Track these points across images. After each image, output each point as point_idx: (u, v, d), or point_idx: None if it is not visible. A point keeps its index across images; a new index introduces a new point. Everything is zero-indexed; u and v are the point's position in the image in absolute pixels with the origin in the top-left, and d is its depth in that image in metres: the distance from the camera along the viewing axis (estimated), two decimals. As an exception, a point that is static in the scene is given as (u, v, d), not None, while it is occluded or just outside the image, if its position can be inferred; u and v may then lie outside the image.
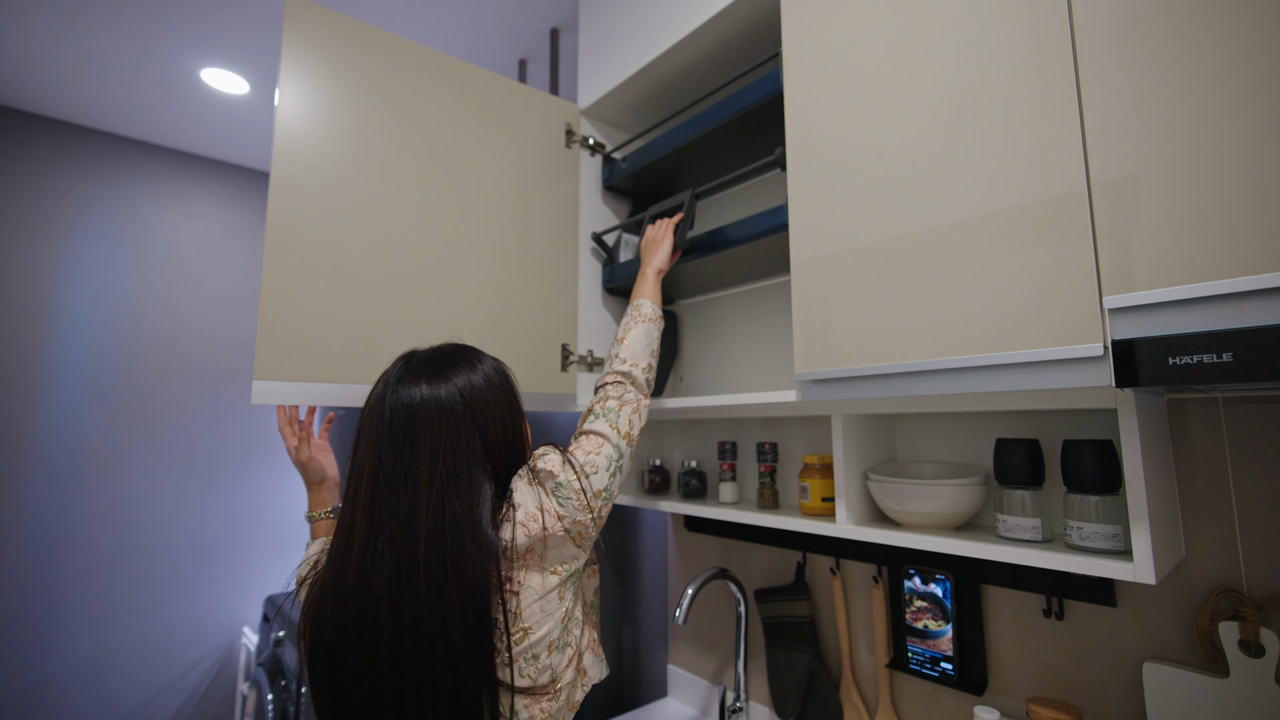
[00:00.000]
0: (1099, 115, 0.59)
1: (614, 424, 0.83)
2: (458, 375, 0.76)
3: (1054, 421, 0.85)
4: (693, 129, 1.17)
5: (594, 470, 0.77)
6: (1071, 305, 0.59)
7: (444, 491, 0.69)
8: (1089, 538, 0.70)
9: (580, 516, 0.74)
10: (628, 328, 0.97)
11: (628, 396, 0.87)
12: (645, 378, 0.92)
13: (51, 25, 1.77)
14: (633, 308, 1.00)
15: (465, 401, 0.74)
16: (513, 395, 0.81)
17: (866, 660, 1.07)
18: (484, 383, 0.77)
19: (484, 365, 0.80)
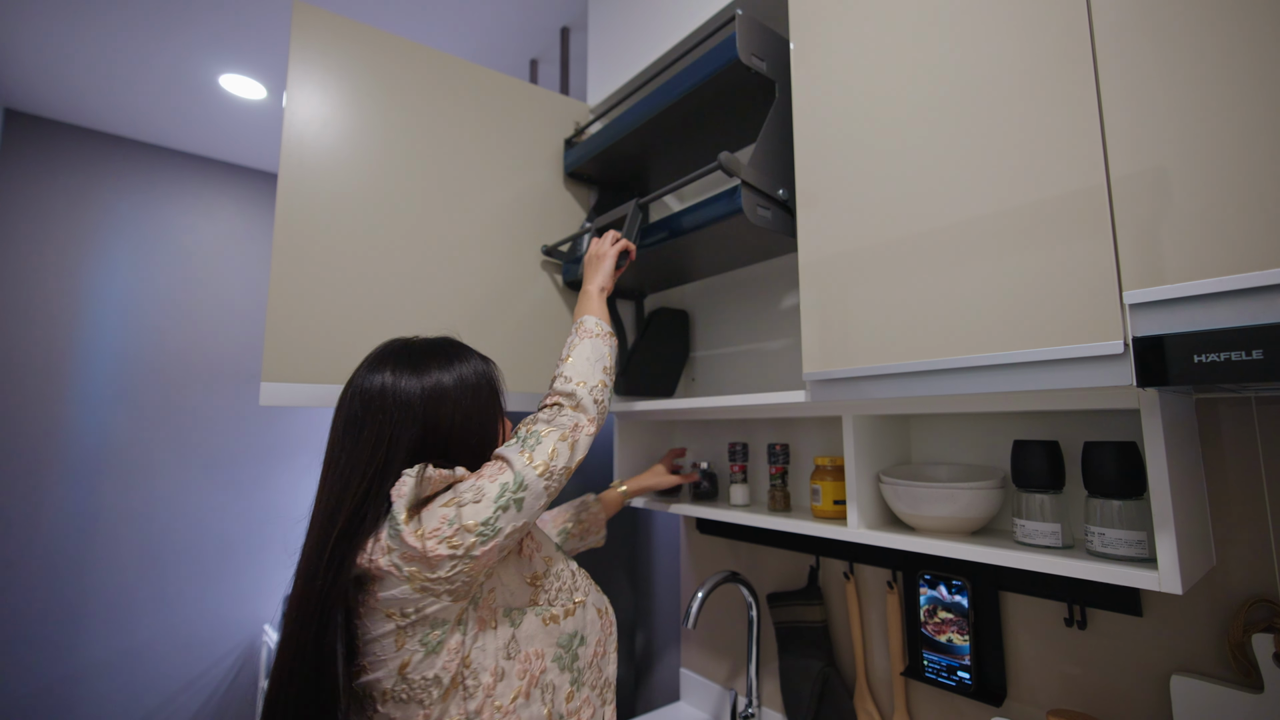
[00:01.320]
0: (1119, 107, 0.56)
1: (528, 450, 0.71)
2: (428, 370, 0.71)
3: (1075, 422, 0.82)
4: (647, 107, 1.12)
5: (476, 498, 0.64)
6: (1090, 301, 0.57)
7: (370, 488, 0.65)
8: (1111, 544, 0.67)
9: (421, 551, 0.60)
10: (572, 345, 0.88)
11: (561, 421, 0.76)
12: (594, 398, 0.81)
13: (74, 34, 1.81)
14: (577, 325, 0.91)
15: (425, 398, 0.69)
16: (487, 399, 0.75)
17: (881, 667, 1.05)
18: (454, 382, 0.72)
19: (462, 365, 0.74)
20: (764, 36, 0.98)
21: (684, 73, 1.04)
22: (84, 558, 2.20)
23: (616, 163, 1.31)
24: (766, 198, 0.94)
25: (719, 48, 0.98)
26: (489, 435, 0.75)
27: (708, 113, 1.10)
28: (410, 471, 0.64)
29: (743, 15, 0.96)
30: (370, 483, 0.65)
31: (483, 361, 0.78)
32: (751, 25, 0.97)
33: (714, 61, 0.99)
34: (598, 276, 1.01)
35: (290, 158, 1.03)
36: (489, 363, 0.79)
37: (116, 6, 1.68)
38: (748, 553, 1.31)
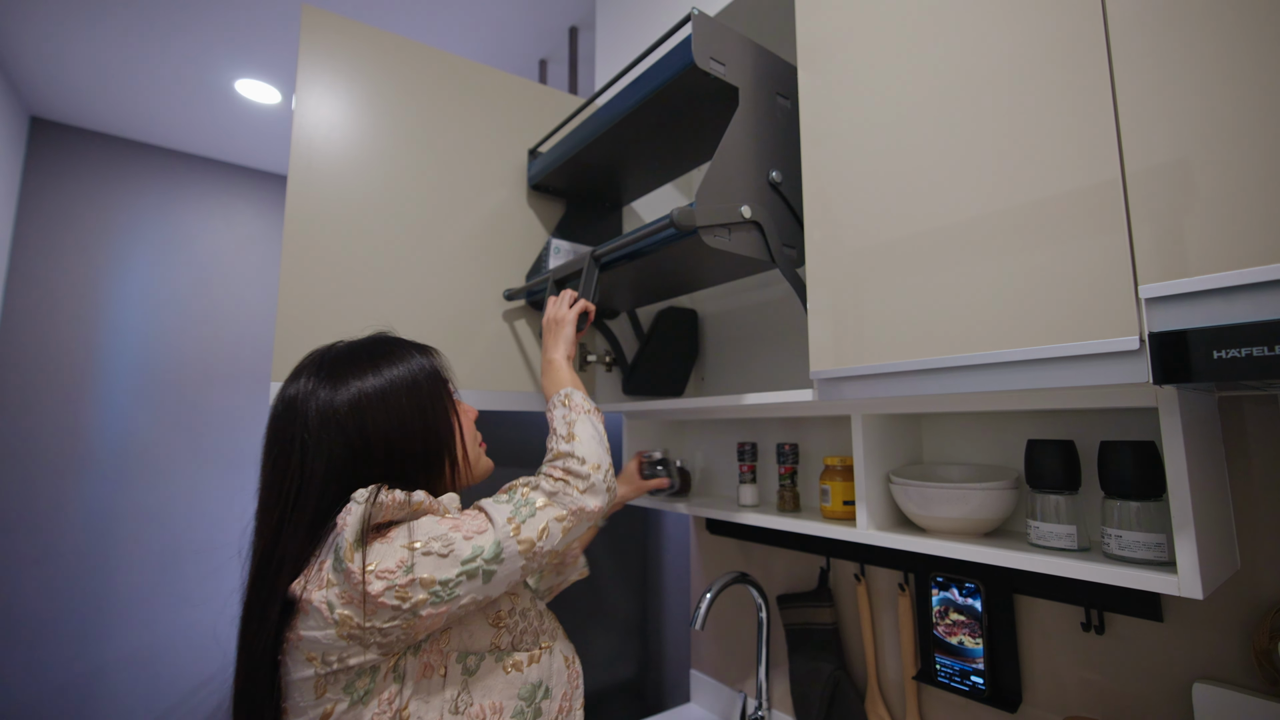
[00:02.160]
0: (1134, 99, 0.54)
1: (516, 518, 0.62)
2: (348, 377, 0.64)
3: (1091, 421, 0.80)
4: (606, 116, 1.05)
5: (443, 550, 0.56)
6: (1104, 295, 0.55)
7: (284, 519, 0.59)
8: (1129, 547, 0.64)
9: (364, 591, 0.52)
10: (571, 422, 0.76)
11: (565, 500, 0.67)
12: (607, 484, 0.71)
13: (94, 43, 1.85)
14: (561, 399, 0.81)
15: (350, 409, 0.62)
16: (430, 396, 0.67)
17: (893, 671, 1.03)
18: (385, 385, 0.64)
19: (394, 364, 0.67)
20: (724, 38, 0.90)
21: (640, 79, 0.97)
22: (105, 556, 2.24)
23: (584, 173, 1.23)
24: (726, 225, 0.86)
25: (674, 51, 0.90)
26: (441, 435, 0.67)
27: (676, 116, 1.02)
28: (360, 496, 0.57)
29: (699, 15, 0.88)
30: (284, 512, 0.59)
31: (421, 354, 0.70)
32: (710, 27, 0.89)
33: (669, 67, 0.91)
34: (560, 344, 0.92)
35: (299, 160, 1.04)
36: (429, 353, 0.71)
37: (135, 15, 1.71)
38: (758, 553, 1.30)
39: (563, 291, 0.99)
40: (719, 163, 0.86)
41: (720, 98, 0.93)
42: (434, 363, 0.70)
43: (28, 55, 1.91)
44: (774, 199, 0.93)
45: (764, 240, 0.91)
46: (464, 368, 1.16)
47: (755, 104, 0.92)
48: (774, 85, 0.96)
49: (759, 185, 0.91)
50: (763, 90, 0.94)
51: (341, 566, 0.54)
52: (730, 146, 0.88)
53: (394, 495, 0.57)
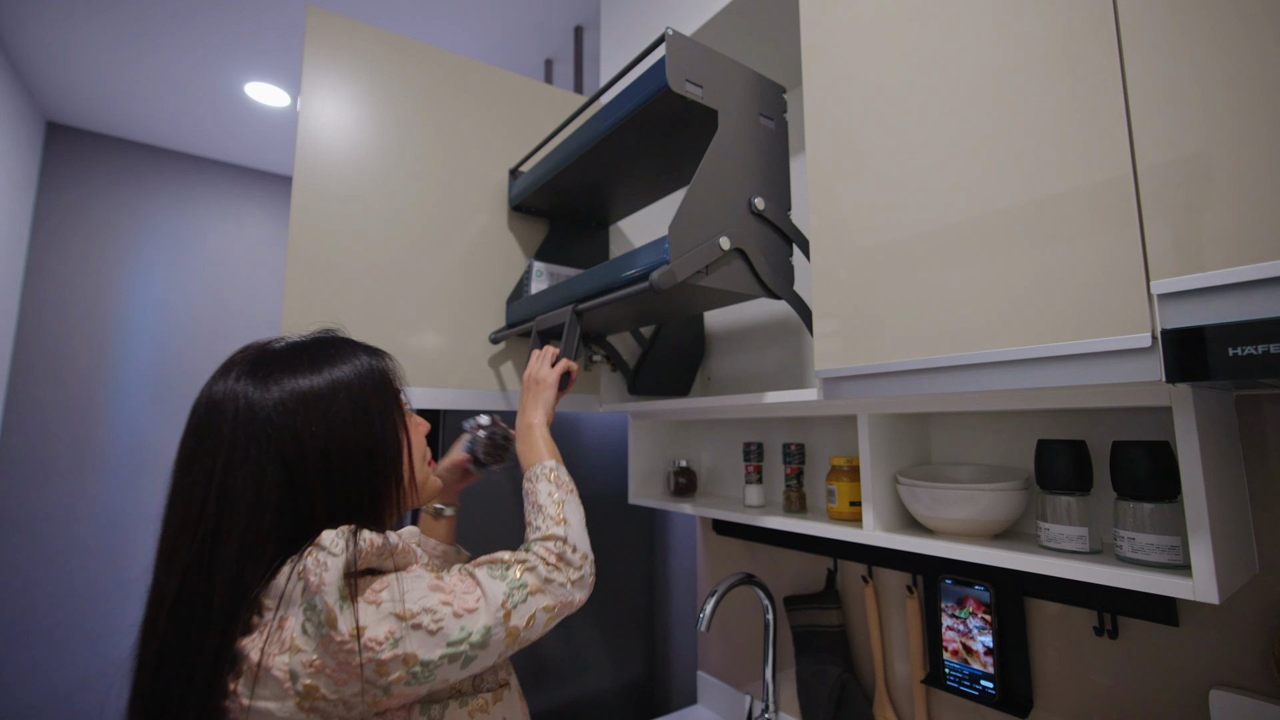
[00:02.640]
0: (1146, 93, 0.53)
1: (510, 602, 0.57)
2: (289, 373, 0.55)
3: (1103, 421, 0.78)
4: (583, 139, 1.01)
5: (433, 626, 0.50)
6: (1114, 291, 0.53)
7: (201, 555, 0.49)
8: (1142, 550, 0.63)
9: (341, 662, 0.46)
10: (560, 500, 0.72)
11: (557, 590, 0.62)
12: (592, 576, 0.68)
13: (108, 48, 1.87)
14: (546, 472, 0.75)
15: (283, 412, 0.53)
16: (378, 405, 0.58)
17: (901, 674, 1.01)
18: (325, 388, 0.55)
19: (339, 367, 0.58)
20: (703, 59, 0.86)
21: (613, 102, 0.93)
22: (122, 553, 2.27)
23: (565, 194, 1.19)
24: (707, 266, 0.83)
25: (649, 73, 0.86)
26: (387, 451, 0.58)
27: (657, 137, 0.98)
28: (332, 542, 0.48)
29: (674, 35, 0.83)
30: (203, 543, 0.49)
31: (370, 356, 0.62)
32: (686, 47, 0.85)
33: (643, 90, 0.86)
34: (540, 408, 0.86)
35: (305, 161, 1.04)
36: (380, 355, 0.63)
37: (146, 21, 1.73)
38: (765, 554, 1.29)
39: (545, 348, 0.94)
40: (695, 192, 0.82)
41: (701, 118, 0.89)
42: (384, 366, 0.62)
43: (44, 62, 1.94)
44: (758, 225, 0.89)
45: (750, 268, 0.88)
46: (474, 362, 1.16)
47: (736, 127, 0.88)
48: (757, 106, 0.92)
49: (740, 213, 0.87)
50: (744, 112, 0.90)
51: (322, 632, 0.46)
52: (707, 174, 0.84)
53: (372, 540, 0.51)
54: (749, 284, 0.88)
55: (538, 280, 1.19)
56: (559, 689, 1.41)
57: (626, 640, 1.55)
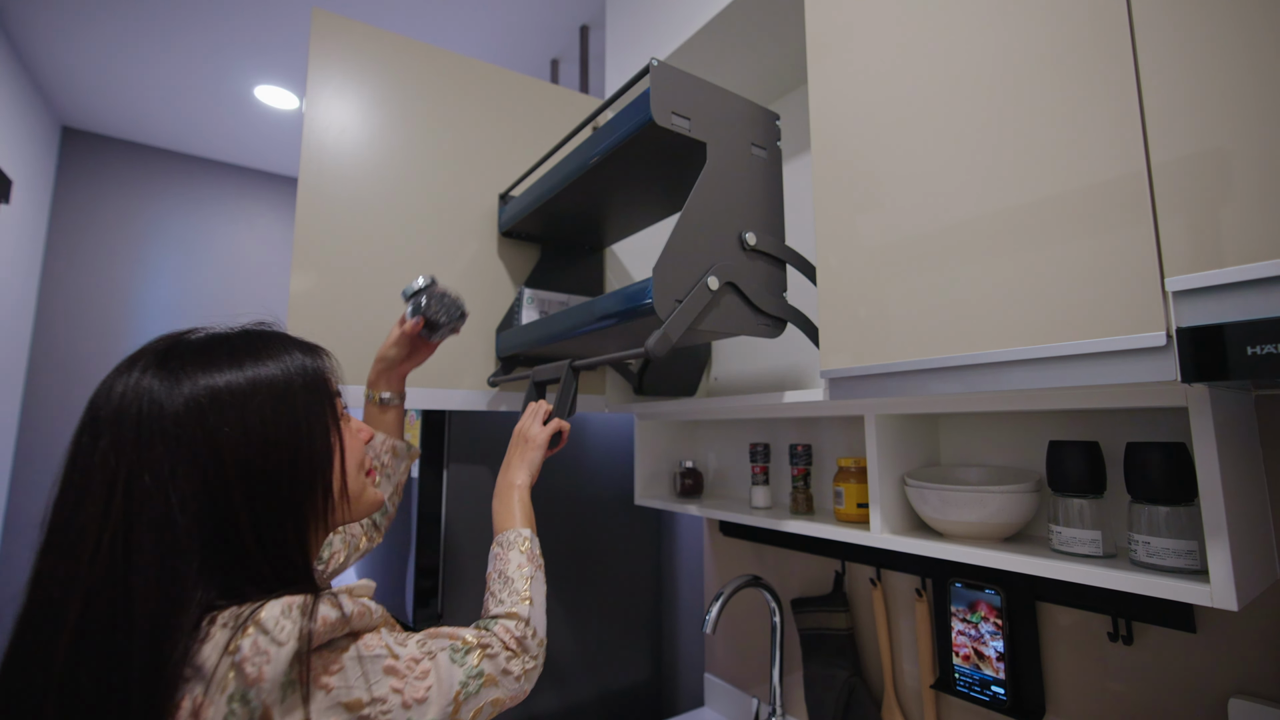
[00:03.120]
0: (1160, 88, 0.51)
1: (464, 693, 0.54)
2: (203, 368, 0.48)
3: (1117, 421, 0.76)
4: (566, 170, 0.98)
5: (381, 717, 0.46)
6: (1127, 289, 0.52)
7: (113, 565, 0.41)
8: (1157, 554, 0.61)
9: None
10: (529, 578, 0.69)
11: (509, 683, 0.59)
12: (540, 669, 0.64)
13: (121, 54, 1.90)
14: (520, 542, 0.72)
15: (193, 411, 0.46)
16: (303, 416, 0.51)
17: (910, 678, 1.00)
18: (244, 386, 0.48)
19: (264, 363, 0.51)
20: (690, 89, 0.83)
21: (598, 133, 0.91)
22: (134, 553, 2.30)
23: (557, 219, 1.15)
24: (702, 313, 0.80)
25: (633, 105, 0.82)
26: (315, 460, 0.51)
27: (646, 167, 0.94)
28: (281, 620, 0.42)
29: (659, 66, 0.80)
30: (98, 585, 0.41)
31: (304, 352, 0.55)
32: (673, 78, 0.82)
33: (628, 122, 0.83)
34: (524, 469, 0.81)
35: (310, 164, 1.04)
36: (316, 353, 0.56)
37: (158, 25, 1.75)
38: (772, 556, 1.27)
39: (540, 404, 0.89)
40: (681, 230, 0.79)
41: (692, 147, 0.86)
42: (318, 364, 0.55)
43: (59, 68, 1.96)
44: (750, 257, 0.87)
45: (744, 300, 0.85)
46: (479, 363, 1.16)
47: (726, 158, 0.86)
48: (748, 135, 0.89)
49: (730, 248, 0.85)
50: (735, 142, 0.87)
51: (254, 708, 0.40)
52: (694, 210, 0.81)
53: (326, 618, 0.44)
54: (745, 319, 0.86)
55: (528, 308, 1.15)
56: (566, 690, 1.41)
57: (633, 642, 1.54)
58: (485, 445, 1.33)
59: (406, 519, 1.31)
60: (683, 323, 0.79)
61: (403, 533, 1.32)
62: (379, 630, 0.51)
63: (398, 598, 1.30)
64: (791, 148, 1.24)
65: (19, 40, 1.83)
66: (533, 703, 1.35)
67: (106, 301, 2.36)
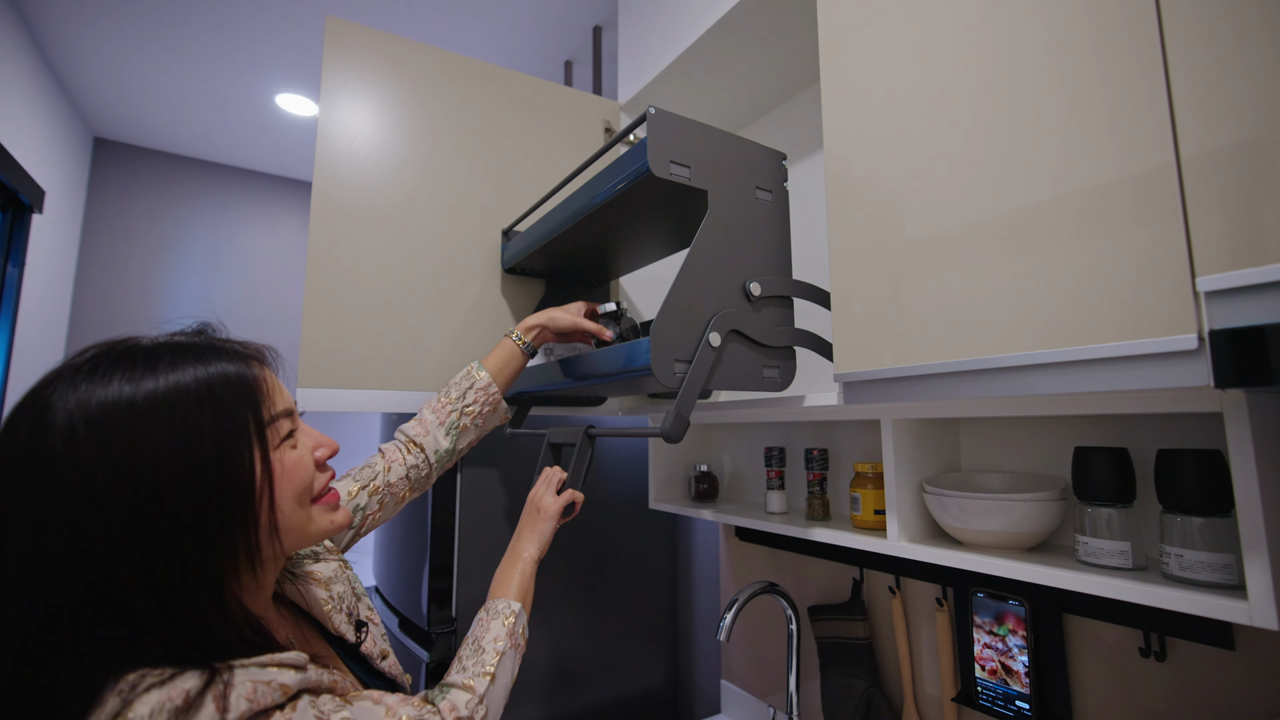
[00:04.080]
0: (1189, 76, 0.49)
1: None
2: (100, 384, 0.40)
3: (1148, 427, 0.73)
4: (565, 214, 0.96)
5: None
6: (1155, 289, 0.49)
7: None
8: (1191, 568, 0.58)
9: None
10: (501, 651, 0.66)
11: None
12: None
13: (149, 66, 1.94)
14: (508, 615, 0.70)
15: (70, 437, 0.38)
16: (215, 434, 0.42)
17: (931, 691, 0.97)
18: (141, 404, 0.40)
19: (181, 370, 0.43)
20: (689, 136, 0.80)
21: (596, 179, 0.88)
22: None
23: (562, 256, 1.13)
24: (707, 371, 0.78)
25: (631, 153, 0.80)
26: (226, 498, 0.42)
27: (647, 211, 0.91)
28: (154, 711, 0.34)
29: (655, 114, 0.77)
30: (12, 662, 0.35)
31: (233, 361, 0.46)
32: (671, 126, 0.79)
33: (625, 170, 0.81)
34: (536, 541, 0.79)
35: (323, 169, 1.05)
36: (249, 360, 0.48)
37: (184, 39, 1.79)
38: (789, 562, 1.25)
39: (554, 471, 0.87)
40: (680, 286, 0.76)
41: (691, 194, 0.83)
42: (246, 375, 0.47)
43: (91, 81, 2.02)
44: (756, 305, 0.84)
45: (749, 343, 0.82)
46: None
47: (728, 206, 0.83)
48: (753, 179, 0.86)
49: (734, 298, 0.82)
50: (738, 188, 0.84)
51: None
52: (695, 264, 0.78)
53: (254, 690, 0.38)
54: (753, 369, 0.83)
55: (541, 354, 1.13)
56: (581, 694, 1.40)
57: (650, 647, 1.53)
58: (498, 451, 1.33)
59: (422, 522, 1.32)
60: (692, 396, 0.75)
61: (418, 535, 1.33)
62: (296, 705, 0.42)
63: (413, 601, 1.30)
64: (803, 148, 1.22)
65: (52, 55, 1.89)
66: (550, 707, 1.35)
67: (137, 305, 2.43)
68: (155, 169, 2.52)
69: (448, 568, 1.26)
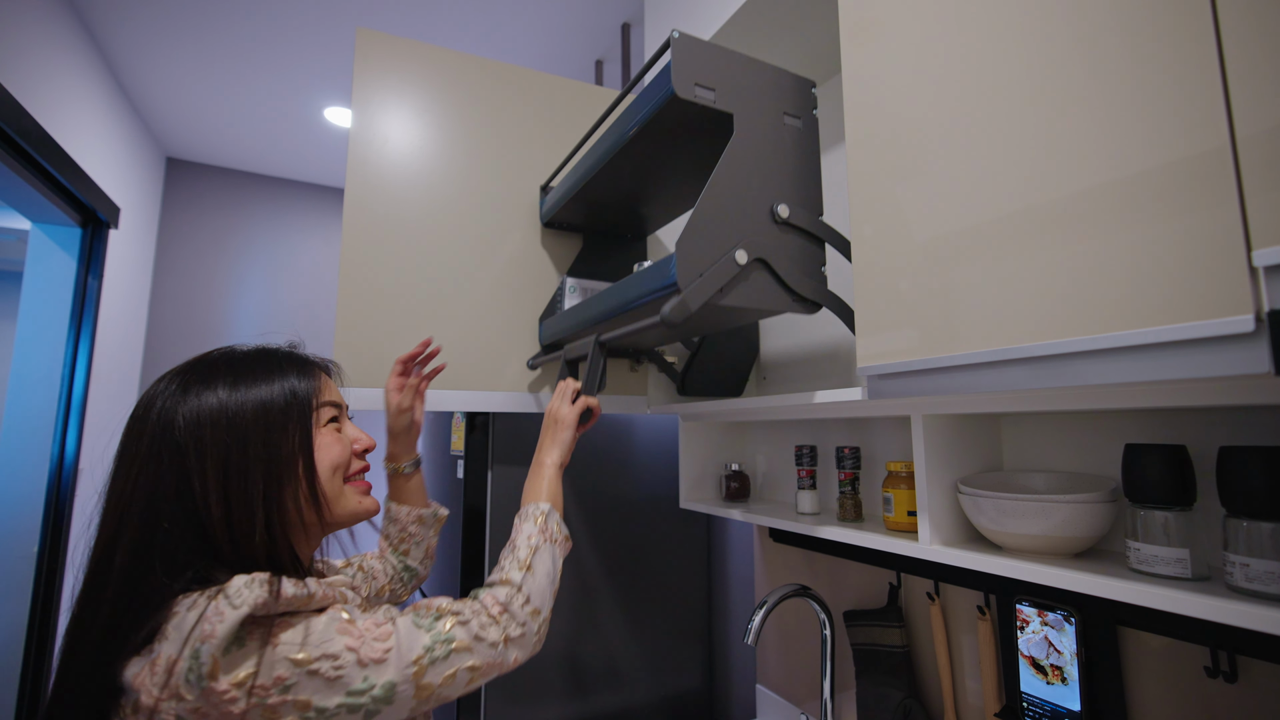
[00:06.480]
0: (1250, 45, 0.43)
1: (426, 657, 0.54)
2: (209, 385, 0.55)
3: (1210, 421, 0.66)
4: (596, 154, 0.98)
5: (332, 673, 0.48)
6: (1206, 264, 0.44)
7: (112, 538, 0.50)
8: (1259, 579, 0.52)
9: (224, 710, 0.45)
10: (534, 546, 0.70)
11: (486, 650, 0.59)
12: (539, 635, 0.65)
13: (213, 88, 2.07)
14: (538, 515, 0.74)
15: (190, 425, 0.53)
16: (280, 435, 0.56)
17: (973, 705, 0.91)
18: (233, 407, 0.55)
19: (259, 385, 0.57)
20: (714, 60, 0.81)
21: (626, 113, 0.89)
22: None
23: (597, 207, 1.15)
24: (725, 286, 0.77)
25: (655, 81, 0.81)
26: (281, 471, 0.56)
27: (678, 145, 0.91)
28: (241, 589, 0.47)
29: (680, 38, 0.79)
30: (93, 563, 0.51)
31: (298, 374, 0.61)
32: (695, 50, 0.80)
33: (651, 98, 0.82)
34: (556, 448, 0.83)
35: (355, 175, 1.09)
36: (310, 372, 0.62)
37: (241, 61, 1.89)
38: (823, 565, 1.20)
39: (568, 382, 0.90)
40: (705, 204, 0.76)
41: (722, 123, 0.83)
42: (306, 385, 0.60)
43: (162, 104, 2.17)
44: (784, 232, 0.82)
45: (775, 279, 0.81)
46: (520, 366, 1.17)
47: (755, 129, 0.82)
48: (780, 104, 0.85)
49: (761, 222, 0.80)
50: (765, 112, 0.84)
51: (203, 684, 0.44)
52: (720, 183, 0.78)
53: (283, 592, 0.48)
54: (776, 297, 0.81)
55: (570, 296, 1.17)
56: (617, 693, 1.40)
57: (685, 648, 1.51)
58: (527, 447, 1.34)
59: (454, 518, 1.34)
60: (703, 293, 0.75)
61: (450, 530, 1.36)
62: (344, 604, 0.54)
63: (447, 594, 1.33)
64: (831, 136, 1.17)
65: (127, 82, 2.04)
66: (586, 704, 1.35)
67: (207, 313, 2.59)
68: (220, 185, 2.68)
69: (479, 562, 1.28)
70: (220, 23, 1.72)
